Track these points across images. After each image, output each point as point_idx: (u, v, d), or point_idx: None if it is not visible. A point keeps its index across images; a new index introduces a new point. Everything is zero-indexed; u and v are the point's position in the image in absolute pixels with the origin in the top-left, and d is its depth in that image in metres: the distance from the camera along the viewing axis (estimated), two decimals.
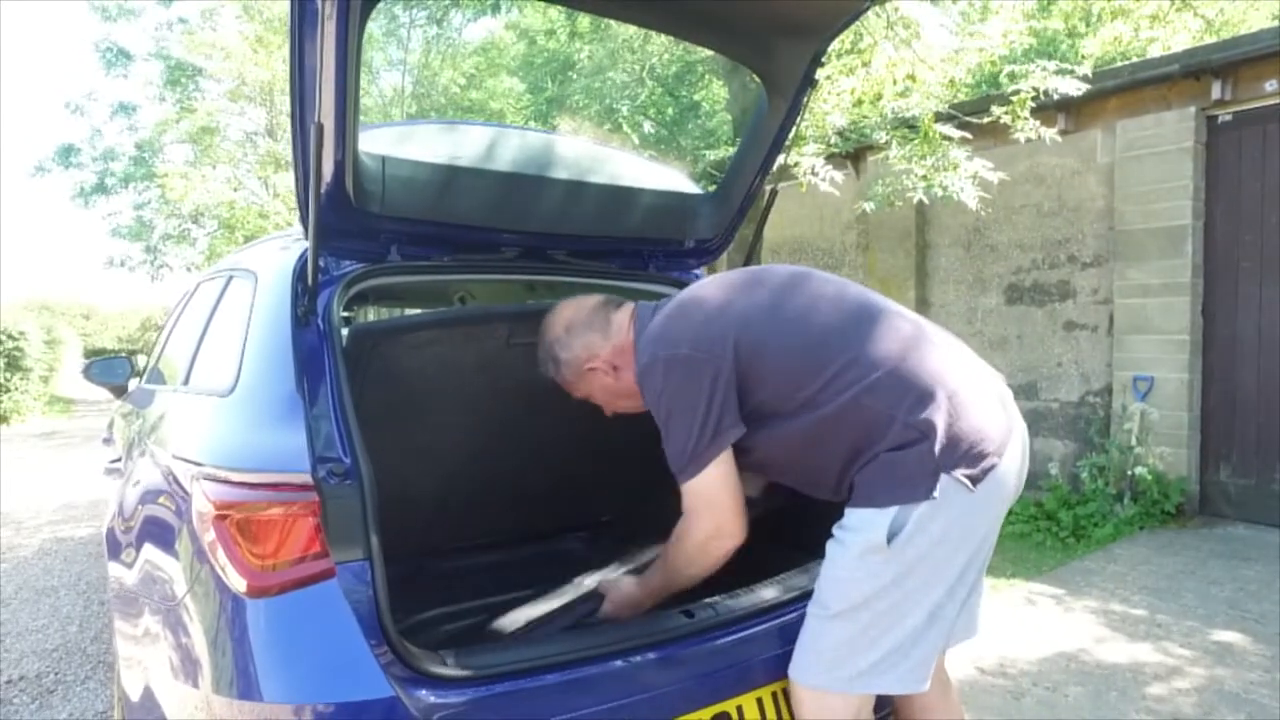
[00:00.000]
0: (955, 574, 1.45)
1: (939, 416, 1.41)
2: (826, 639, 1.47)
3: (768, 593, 1.71)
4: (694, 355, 1.46)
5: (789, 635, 1.55)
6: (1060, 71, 4.90)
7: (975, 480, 1.41)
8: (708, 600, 1.65)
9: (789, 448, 1.53)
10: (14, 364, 12.76)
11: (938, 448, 1.40)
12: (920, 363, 1.47)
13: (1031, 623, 3.57)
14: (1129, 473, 5.28)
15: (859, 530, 1.44)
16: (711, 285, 1.62)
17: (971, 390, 1.47)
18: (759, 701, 1.56)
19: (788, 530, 1.94)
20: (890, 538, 1.40)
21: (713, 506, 1.48)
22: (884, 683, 1.46)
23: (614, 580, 1.80)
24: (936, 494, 1.39)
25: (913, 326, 1.55)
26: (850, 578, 1.44)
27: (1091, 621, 3.56)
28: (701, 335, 1.48)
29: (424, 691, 1.29)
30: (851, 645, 1.45)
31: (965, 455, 1.41)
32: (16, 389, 12.89)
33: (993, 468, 1.43)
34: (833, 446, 1.48)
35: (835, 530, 1.49)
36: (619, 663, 1.46)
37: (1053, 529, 5.15)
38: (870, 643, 1.44)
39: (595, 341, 1.67)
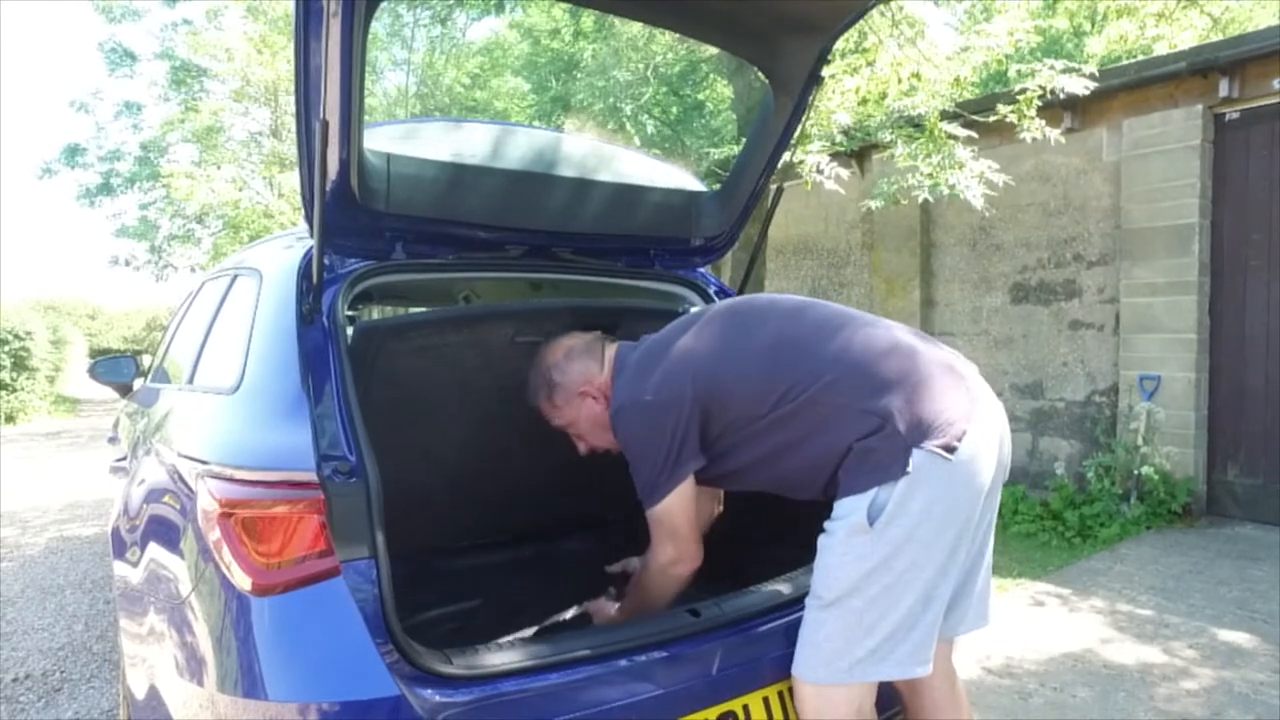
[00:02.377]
0: (945, 552, 1.47)
1: (896, 399, 1.47)
2: (823, 629, 1.49)
3: (773, 591, 1.70)
4: (655, 400, 1.58)
5: (795, 634, 1.54)
6: (1067, 70, 4.87)
7: (950, 449, 1.44)
8: (713, 599, 1.64)
9: (764, 457, 1.60)
10: (20, 363, 12.80)
11: (903, 427, 1.45)
12: (873, 355, 1.55)
13: (1038, 623, 3.55)
14: (1135, 472, 5.26)
15: (843, 517, 1.48)
16: (670, 331, 1.73)
17: (926, 371, 1.52)
18: (765, 700, 1.55)
19: (792, 530, 1.93)
20: (872, 519, 1.44)
21: (673, 534, 1.61)
22: (883, 669, 1.47)
23: (599, 605, 1.91)
24: (910, 469, 1.42)
25: (869, 327, 1.62)
26: (839, 563, 1.47)
27: (1098, 622, 3.54)
28: (661, 382, 1.60)
29: (429, 690, 1.29)
30: (848, 633, 1.46)
31: (933, 428, 1.45)
32: (23, 388, 12.93)
33: (964, 434, 1.45)
34: (805, 449, 1.55)
35: (825, 524, 1.53)
36: (624, 662, 1.45)
37: (1059, 529, 5.13)
38: (867, 629, 1.46)
39: (592, 369, 1.76)
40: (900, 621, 1.45)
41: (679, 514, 1.60)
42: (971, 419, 1.48)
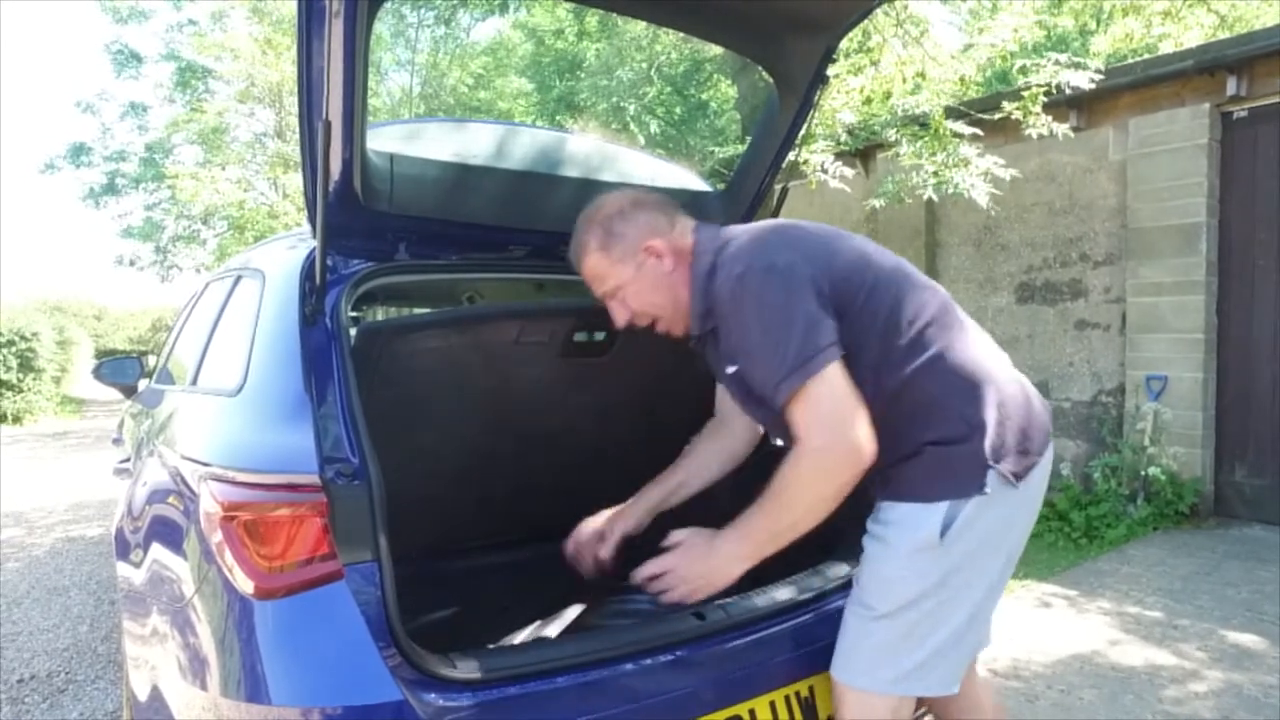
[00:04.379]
0: (996, 573, 1.45)
1: (990, 413, 1.40)
2: (870, 640, 1.45)
3: (781, 594, 1.68)
4: (794, 265, 1.35)
5: (804, 637, 1.53)
6: (1072, 65, 4.85)
7: (1019, 476, 1.41)
8: (719, 602, 1.63)
9: None
10: (27, 364, 12.84)
11: (988, 444, 1.38)
12: (975, 355, 1.45)
13: (1045, 624, 3.53)
14: (1142, 473, 5.24)
15: (906, 526, 1.41)
16: (799, 223, 1.53)
17: (1017, 389, 1.48)
18: (772, 705, 1.53)
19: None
20: (942, 534, 1.38)
21: (835, 416, 1.29)
22: (925, 685, 1.45)
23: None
24: (988, 489, 1.37)
25: (964, 316, 1.53)
26: (899, 577, 1.42)
27: (1105, 623, 3.52)
28: (800, 251, 1.39)
29: (433, 695, 1.28)
30: (896, 646, 1.43)
31: (1011, 452, 1.41)
32: (29, 389, 12.97)
33: (1034, 465, 1.44)
34: (882, 425, 1.37)
35: (873, 526, 1.47)
36: (630, 666, 1.44)
37: (1065, 529, 5.11)
38: (916, 644, 1.42)
39: (661, 224, 1.52)
40: (947, 639, 1.42)
41: (841, 391, 1.29)
42: (1044, 450, 1.47)
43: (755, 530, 1.39)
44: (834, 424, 1.29)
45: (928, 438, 1.39)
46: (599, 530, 1.84)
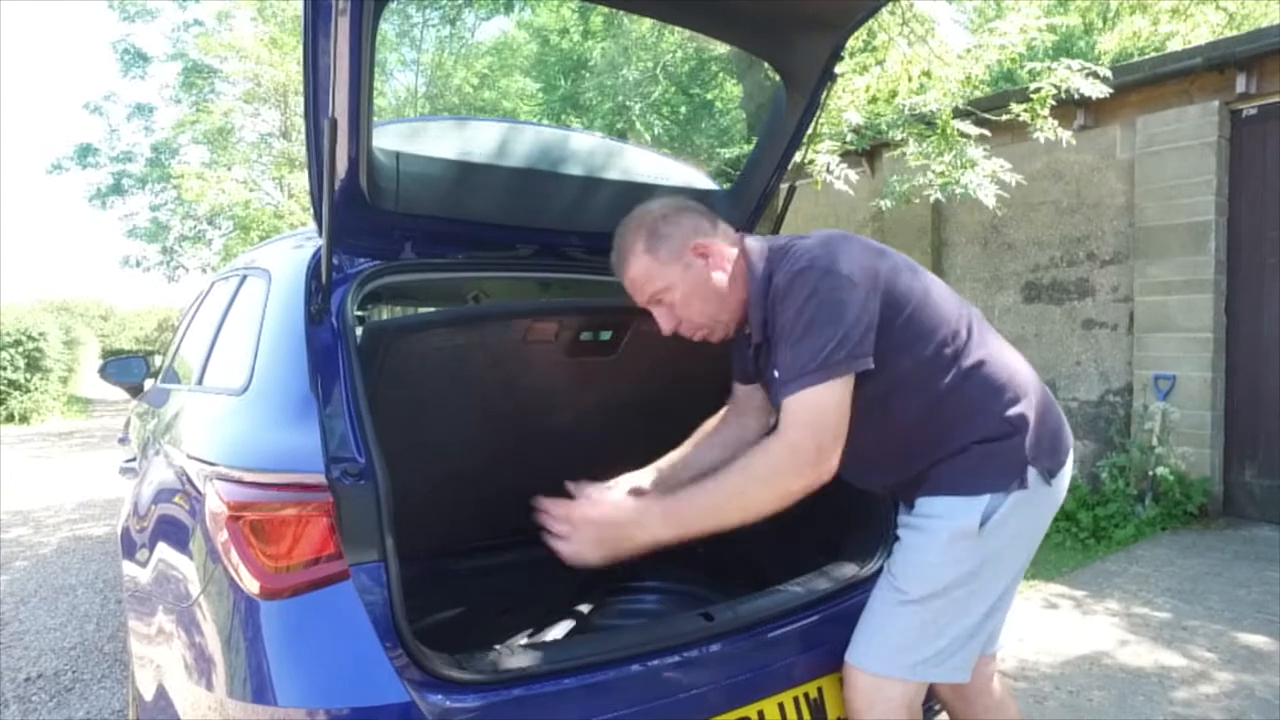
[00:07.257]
0: (1017, 568, 1.53)
1: (1030, 413, 1.48)
2: (898, 623, 1.49)
3: (789, 595, 1.68)
4: (853, 277, 1.39)
5: (812, 638, 1.53)
6: (1083, 71, 4.82)
7: (1052, 474, 1.50)
8: (728, 603, 1.62)
9: (881, 420, 1.46)
10: (34, 364, 12.90)
11: (1029, 441, 1.46)
12: (1010, 361, 1.54)
13: (1053, 625, 3.52)
14: (1150, 473, 5.21)
15: (946, 517, 1.47)
16: (852, 235, 1.56)
17: (1045, 394, 1.57)
18: (780, 706, 1.53)
19: (807, 529, 1.91)
20: (981, 525, 1.44)
21: (821, 425, 1.32)
22: (940, 672, 1.49)
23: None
24: (1028, 484, 1.45)
25: (991, 328, 1.62)
26: (938, 563, 1.47)
27: (1114, 624, 3.50)
28: (860, 265, 1.42)
29: (439, 696, 1.27)
30: (922, 631, 1.48)
31: (1047, 451, 1.50)
32: (36, 389, 13.03)
33: (1064, 463, 1.54)
34: (925, 428, 1.48)
35: (911, 519, 1.53)
36: (636, 667, 1.43)
37: (1072, 530, 5.08)
38: (939, 630, 1.47)
39: (706, 227, 1.55)
40: (968, 628, 1.48)
41: (836, 406, 1.32)
42: (1070, 453, 1.58)
43: (683, 505, 1.36)
44: (821, 430, 1.32)
45: (974, 437, 1.46)
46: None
